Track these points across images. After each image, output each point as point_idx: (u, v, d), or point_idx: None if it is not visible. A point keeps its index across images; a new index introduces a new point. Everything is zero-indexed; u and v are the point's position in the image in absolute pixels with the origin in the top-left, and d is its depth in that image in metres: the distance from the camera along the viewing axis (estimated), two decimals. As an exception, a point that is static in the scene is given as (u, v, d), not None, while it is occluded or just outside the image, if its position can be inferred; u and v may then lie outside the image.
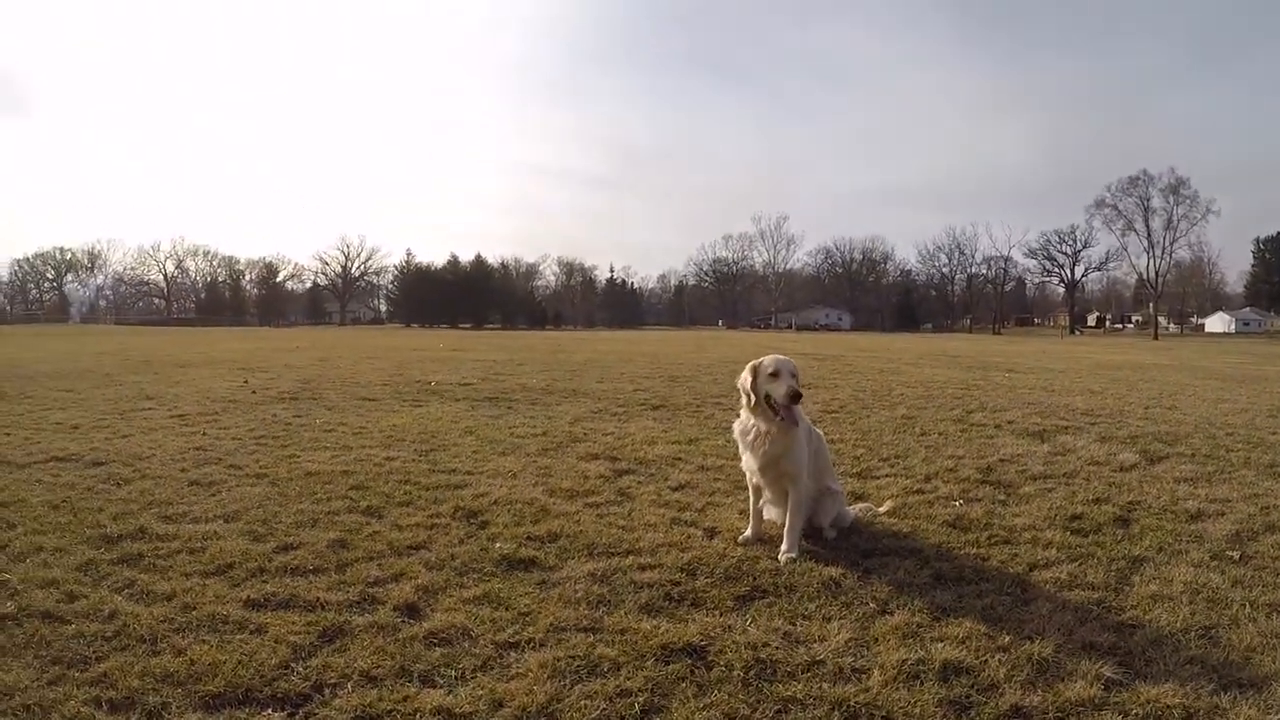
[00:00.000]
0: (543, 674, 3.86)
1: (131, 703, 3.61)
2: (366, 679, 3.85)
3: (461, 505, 6.73)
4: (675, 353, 27.62)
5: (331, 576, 5.15)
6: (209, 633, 4.31)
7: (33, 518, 6.40)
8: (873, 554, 5.51)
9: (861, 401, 13.48)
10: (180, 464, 8.35)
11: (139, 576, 5.11)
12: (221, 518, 6.41)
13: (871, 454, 8.84)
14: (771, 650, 4.08)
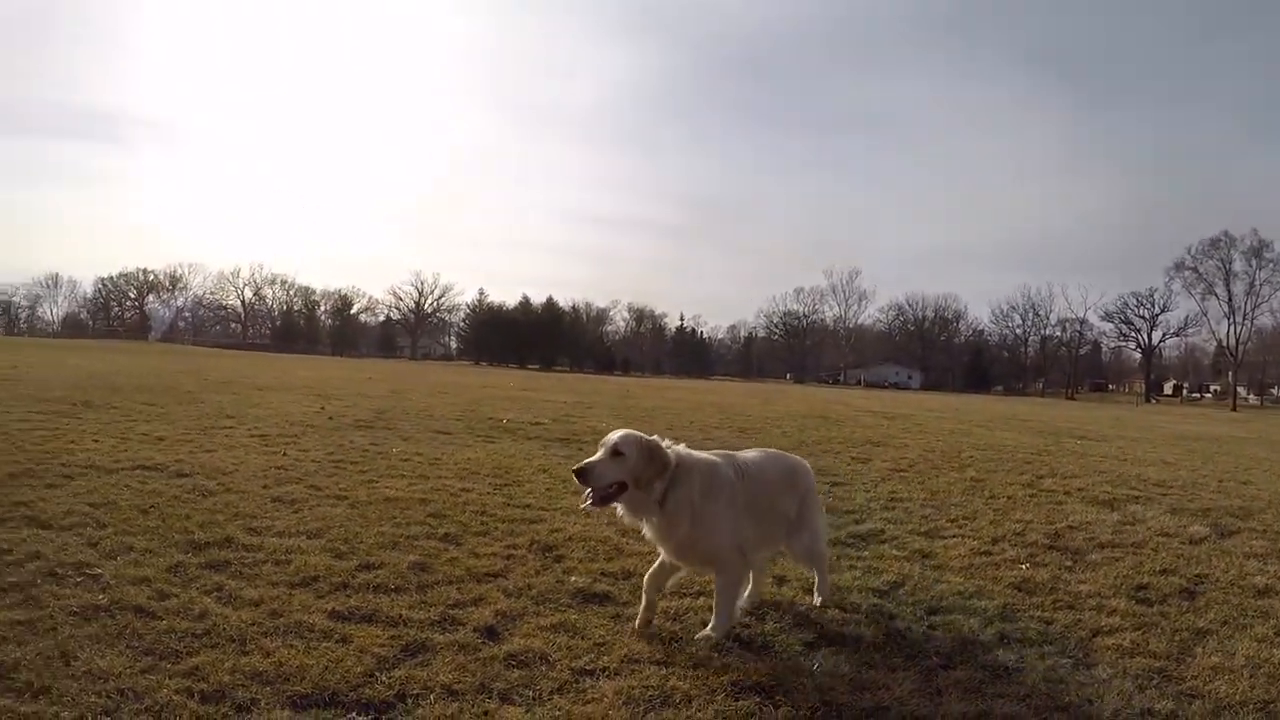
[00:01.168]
0: (617, 700, 4.05)
1: (222, 696, 3.86)
2: (448, 692, 4.06)
3: (537, 539, 6.95)
4: (743, 404, 27.66)
5: (413, 596, 5.39)
6: (296, 638, 4.57)
7: (122, 520, 6.78)
8: (937, 611, 5.60)
9: (930, 461, 13.44)
10: (262, 481, 8.71)
11: (227, 582, 5.42)
12: (304, 534, 6.71)
13: (939, 514, 8.86)
14: (838, 695, 4.22)
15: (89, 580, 5.28)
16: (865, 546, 7.35)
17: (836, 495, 9.74)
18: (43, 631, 4.45)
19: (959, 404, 44.60)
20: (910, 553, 7.16)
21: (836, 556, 6.89)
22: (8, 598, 4.91)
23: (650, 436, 4.92)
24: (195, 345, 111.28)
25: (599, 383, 54.12)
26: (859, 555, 7.02)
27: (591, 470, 4.73)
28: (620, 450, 4.75)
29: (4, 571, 5.34)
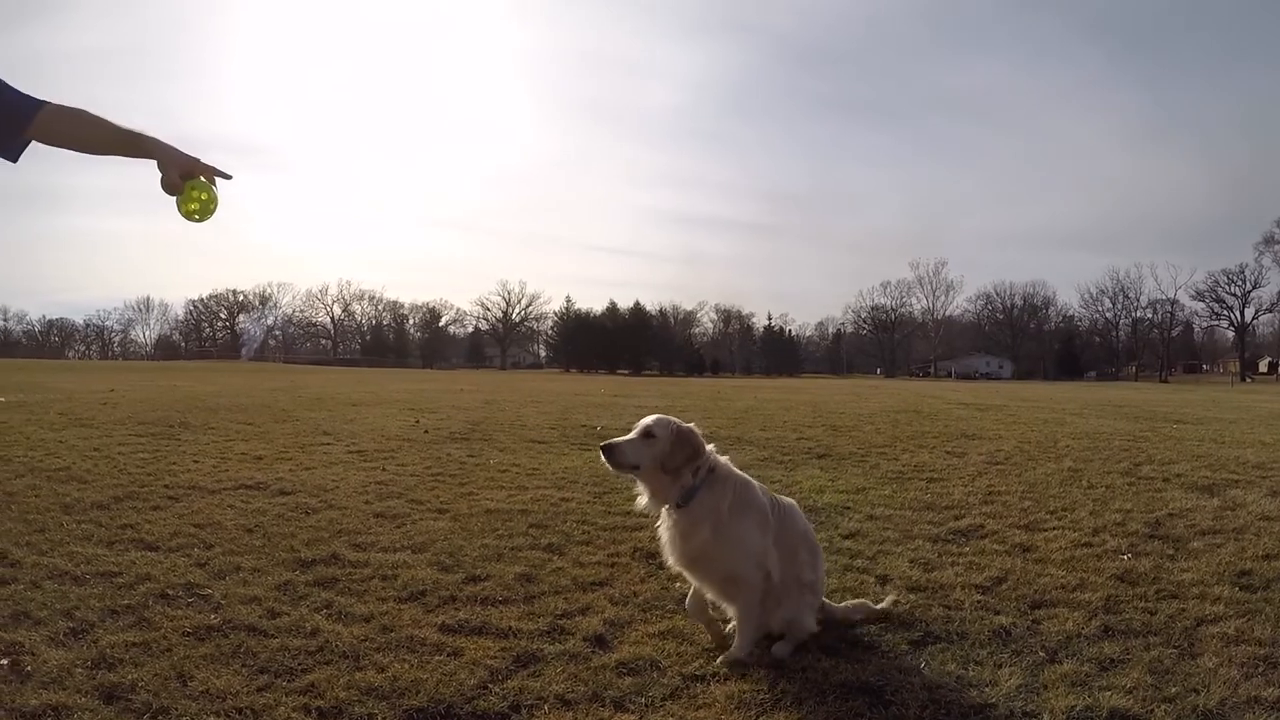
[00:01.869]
0: (729, 704, 4.05)
1: (339, 712, 3.92)
2: (562, 702, 4.09)
3: (639, 546, 6.95)
4: (835, 401, 27.39)
5: (521, 607, 5.44)
6: (408, 653, 4.63)
7: (228, 539, 6.96)
8: (1041, 605, 5.50)
9: (1026, 453, 13.15)
10: (364, 496, 8.88)
11: (336, 598, 5.51)
12: (409, 548, 6.81)
13: (1039, 506, 8.69)
14: (945, 692, 4.18)
15: (200, 600, 5.42)
16: (965, 542, 7.25)
17: (933, 491, 9.64)
18: (158, 652, 4.57)
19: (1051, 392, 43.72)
20: (1011, 547, 7.05)
21: (938, 553, 6.84)
22: (121, 619, 5.06)
23: (686, 424, 4.85)
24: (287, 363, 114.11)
25: (689, 385, 54.18)
26: (960, 551, 6.92)
27: (619, 448, 4.72)
28: (652, 433, 4.72)
29: (117, 594, 5.50)
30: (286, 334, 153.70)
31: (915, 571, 6.27)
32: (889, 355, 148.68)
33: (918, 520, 8.05)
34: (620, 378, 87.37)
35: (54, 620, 5.00)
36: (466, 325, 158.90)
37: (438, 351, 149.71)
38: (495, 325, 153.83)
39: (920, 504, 8.84)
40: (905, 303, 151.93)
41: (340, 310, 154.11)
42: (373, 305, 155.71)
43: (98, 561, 6.24)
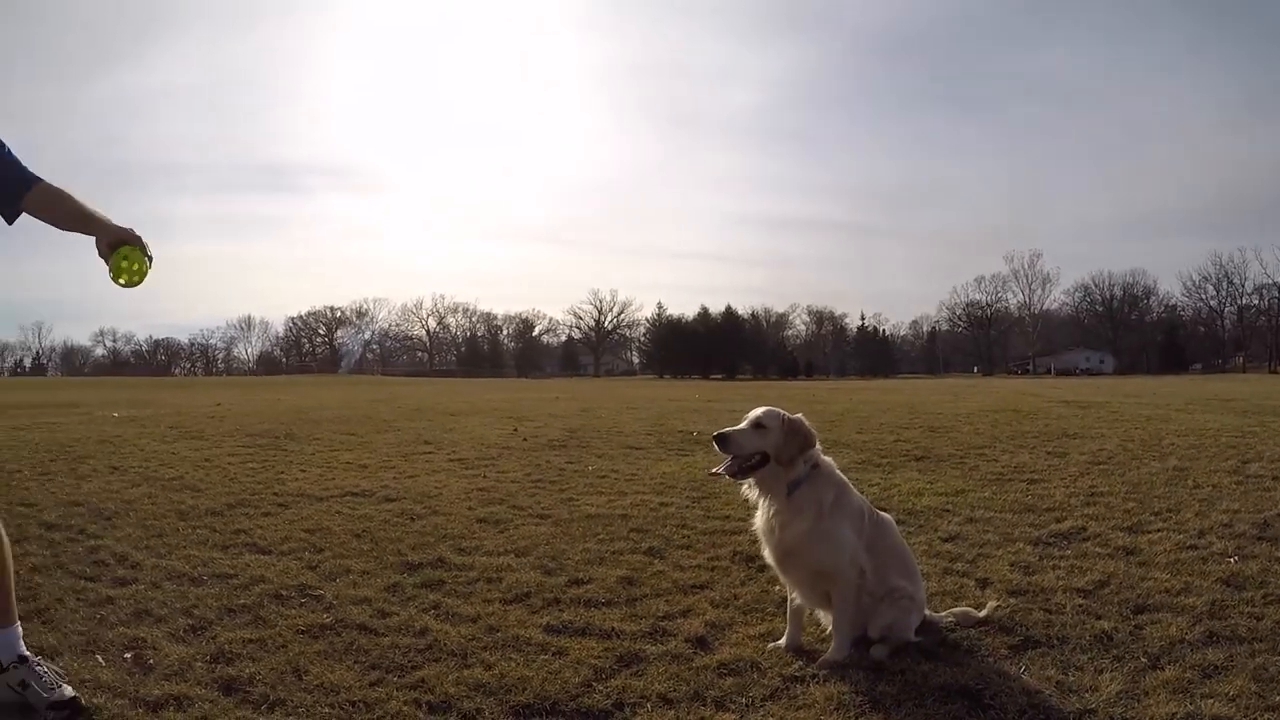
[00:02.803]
0: (828, 705, 4.09)
1: (449, 706, 4.07)
2: (664, 700, 4.17)
3: (739, 550, 7.00)
4: (932, 402, 27.02)
5: (623, 609, 5.54)
6: (514, 652, 4.77)
7: (337, 544, 7.22)
8: (1144, 610, 5.38)
9: (1130, 452, 12.81)
10: (467, 503, 9.09)
11: (443, 600, 5.69)
12: (512, 552, 6.98)
13: (1142, 508, 8.46)
14: (1044, 697, 4.14)
15: (312, 601, 5.65)
16: (1068, 545, 7.11)
17: (1034, 493, 9.46)
18: (274, 648, 4.78)
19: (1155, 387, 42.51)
20: (1114, 549, 6.89)
21: (1039, 556, 6.75)
22: (238, 617, 5.31)
23: (794, 415, 4.90)
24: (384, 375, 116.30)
25: (784, 389, 54.00)
26: (1061, 554, 6.80)
27: (732, 438, 4.78)
28: (763, 423, 4.77)
29: (233, 594, 5.76)
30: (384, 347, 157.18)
31: (1016, 575, 6.20)
32: (986, 353, 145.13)
33: (1018, 523, 7.95)
34: (714, 383, 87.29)
35: (174, 618, 5.27)
36: (559, 334, 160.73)
37: (532, 361, 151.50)
38: (588, 334, 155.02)
39: (1021, 506, 8.72)
40: (1000, 298, 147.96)
41: (435, 323, 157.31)
42: (467, 318, 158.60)
43: (213, 564, 6.54)
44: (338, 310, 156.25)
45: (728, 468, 4.84)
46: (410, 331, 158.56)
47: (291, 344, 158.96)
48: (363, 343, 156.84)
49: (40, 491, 9.59)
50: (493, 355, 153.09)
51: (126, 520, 8.09)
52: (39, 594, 5.69)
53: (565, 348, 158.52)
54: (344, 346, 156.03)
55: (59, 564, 6.54)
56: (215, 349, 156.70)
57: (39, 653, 4.43)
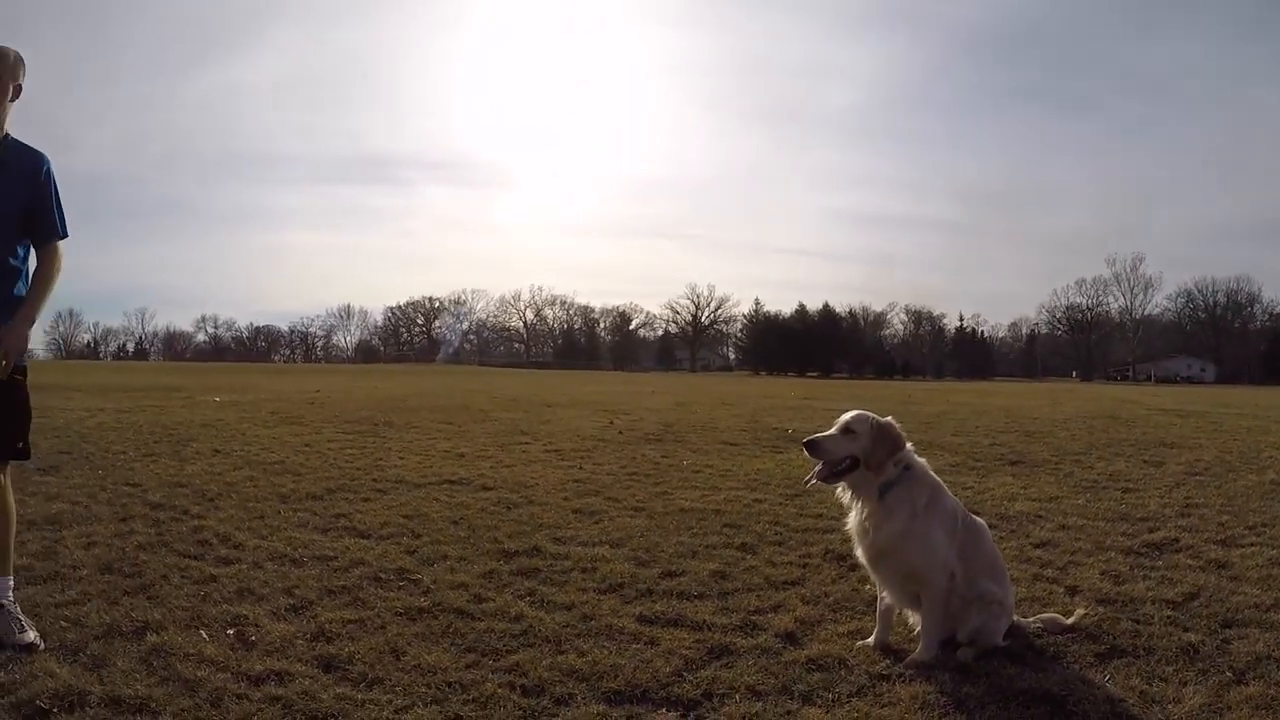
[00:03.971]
0: (913, 705, 4.13)
1: (542, 690, 4.19)
2: (752, 693, 4.24)
3: (831, 548, 7.02)
4: (1029, 407, 26.52)
5: (715, 602, 5.62)
6: (607, 640, 4.88)
7: (435, 530, 7.43)
8: (1232, 624, 5.28)
9: (1227, 464, 12.44)
10: (562, 493, 9.27)
11: (538, 588, 5.83)
12: (607, 543, 7.12)
13: (1237, 521, 8.26)
14: (1127, 706, 4.13)
15: (410, 584, 5.83)
16: (1159, 556, 7.00)
17: (1128, 502, 9.31)
18: (373, 629, 4.96)
19: (1256, 398, 41.00)
20: (1205, 562, 6.76)
21: (1130, 566, 6.66)
22: (338, 598, 5.50)
23: (884, 418, 4.91)
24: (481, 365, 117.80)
25: (880, 388, 53.43)
26: (1153, 565, 6.70)
27: (822, 444, 4.83)
28: (852, 428, 4.81)
29: (332, 576, 5.97)
30: (481, 338, 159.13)
31: (1105, 584, 6.14)
32: (1084, 357, 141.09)
33: (1110, 531, 7.83)
34: (809, 380, 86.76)
35: (275, 597, 5.48)
36: (656, 329, 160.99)
37: (628, 354, 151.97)
38: (685, 329, 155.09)
39: (1114, 514, 8.57)
40: (1101, 301, 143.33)
41: (533, 315, 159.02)
42: (564, 310, 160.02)
43: (314, 546, 6.77)
44: (436, 301, 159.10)
45: (819, 473, 4.91)
46: (507, 323, 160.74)
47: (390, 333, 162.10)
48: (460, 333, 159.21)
49: (145, 472, 9.97)
50: (589, 348, 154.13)
51: (229, 502, 8.40)
52: (144, 571, 5.96)
53: (661, 342, 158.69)
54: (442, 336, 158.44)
55: (164, 542, 6.81)
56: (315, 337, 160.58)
57: (145, 628, 4.78)
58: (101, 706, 3.84)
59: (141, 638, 4.68)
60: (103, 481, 9.20)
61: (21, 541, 6.41)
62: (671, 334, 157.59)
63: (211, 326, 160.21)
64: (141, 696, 3.94)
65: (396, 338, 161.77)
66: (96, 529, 7.10)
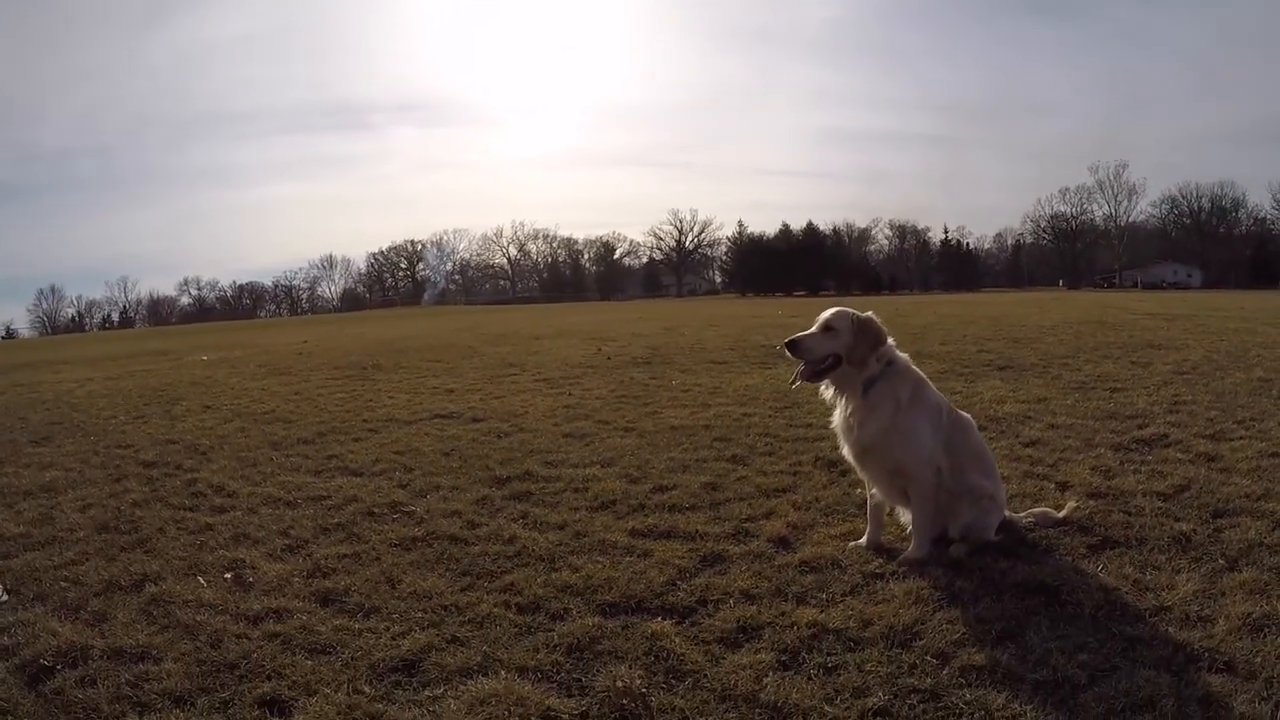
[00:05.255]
0: (907, 600, 4.20)
1: (537, 607, 4.26)
2: (746, 597, 4.32)
3: (821, 456, 7.07)
4: (1016, 314, 26.47)
5: (706, 513, 5.68)
6: (600, 555, 4.95)
7: (427, 463, 7.46)
8: (1224, 514, 5.34)
9: (1215, 363, 12.44)
10: (552, 419, 9.30)
11: (531, 510, 5.90)
12: (598, 463, 7.16)
13: (1226, 416, 8.27)
14: (1120, 595, 4.19)
15: (404, 516, 5.89)
16: (1149, 451, 7.03)
17: (1116, 400, 9.35)
18: (368, 561, 5.02)
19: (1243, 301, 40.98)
20: (1195, 455, 6.80)
21: (1120, 461, 6.71)
22: (333, 535, 5.56)
23: (864, 313, 4.92)
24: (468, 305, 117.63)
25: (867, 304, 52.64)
26: (1142, 460, 6.74)
27: (803, 343, 4.84)
28: (832, 325, 4.83)
29: (327, 514, 6.02)
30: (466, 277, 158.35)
31: (1096, 479, 6.19)
32: (1071, 266, 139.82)
33: (1100, 429, 7.88)
34: (797, 299, 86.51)
35: (271, 539, 5.54)
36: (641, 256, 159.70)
37: (614, 284, 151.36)
38: (669, 254, 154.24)
39: (1103, 413, 8.61)
40: (1086, 210, 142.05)
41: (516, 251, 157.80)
42: (548, 244, 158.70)
43: (307, 488, 6.80)
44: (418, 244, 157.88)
45: (802, 373, 4.91)
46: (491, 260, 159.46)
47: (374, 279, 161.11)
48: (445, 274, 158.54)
49: (136, 433, 9.96)
50: (575, 280, 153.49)
51: (221, 454, 8.40)
52: (140, 526, 6.02)
53: (647, 269, 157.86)
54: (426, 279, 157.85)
55: (158, 497, 6.84)
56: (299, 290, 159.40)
57: (143, 580, 4.85)
58: (104, 659, 3.89)
59: (140, 590, 4.74)
60: (95, 446, 9.19)
61: (17, 511, 6.51)
62: (656, 261, 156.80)
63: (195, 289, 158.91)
64: (143, 645, 4.00)
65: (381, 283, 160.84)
66: (91, 491, 7.11)
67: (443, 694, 3.43)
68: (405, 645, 3.87)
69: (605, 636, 3.90)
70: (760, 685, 3.42)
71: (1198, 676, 3.44)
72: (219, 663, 3.81)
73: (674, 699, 3.35)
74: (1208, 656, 3.58)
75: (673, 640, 3.82)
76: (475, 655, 3.74)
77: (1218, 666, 3.51)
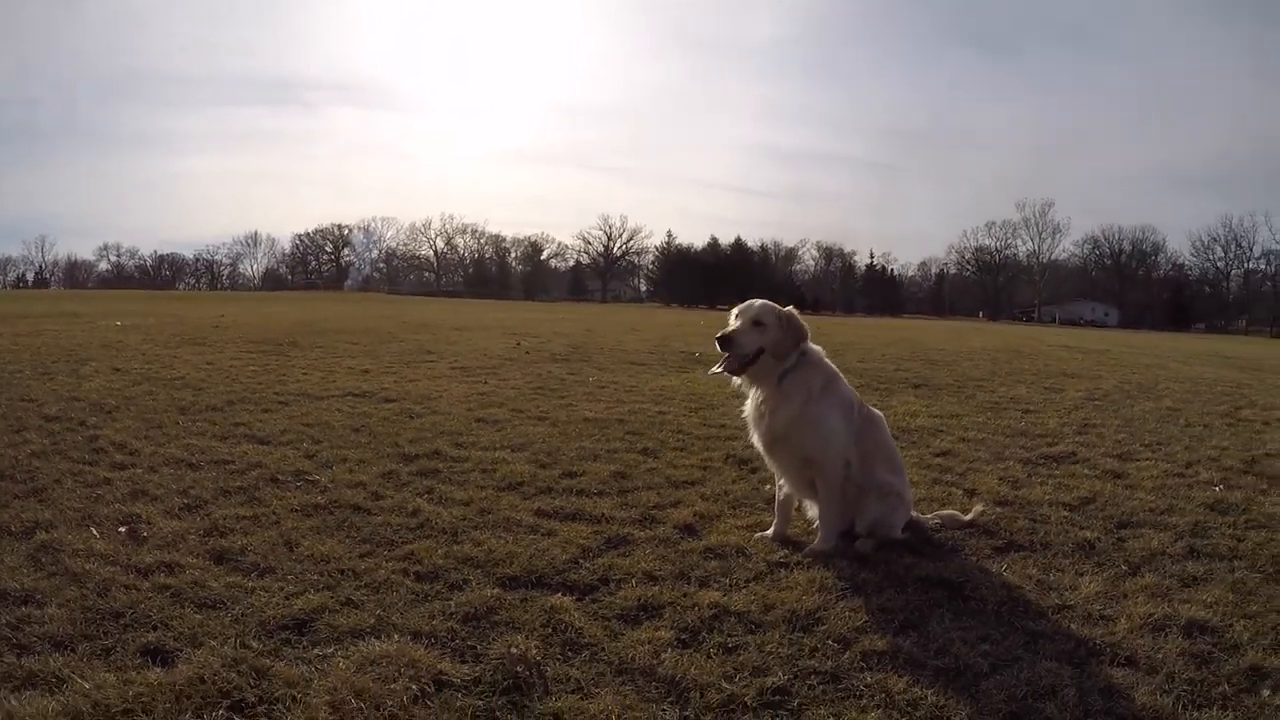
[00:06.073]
0: (811, 588, 4.24)
1: (436, 576, 4.22)
2: (648, 578, 4.33)
3: (732, 454, 7.18)
4: (934, 340, 27.11)
5: (614, 499, 5.70)
6: (504, 532, 4.92)
7: (335, 437, 7.37)
8: (1127, 525, 5.52)
9: (1126, 392, 12.87)
10: (466, 405, 9.25)
11: (437, 486, 5.85)
12: (508, 448, 7.14)
13: (1133, 439, 8.57)
14: (1024, 593, 4.31)
15: (307, 485, 5.80)
16: (1057, 466, 7.26)
17: (1028, 420, 9.63)
18: (267, 524, 4.93)
19: (1157, 341, 42.38)
20: (1102, 472, 7.03)
21: (1028, 474, 6.89)
22: (233, 498, 5.44)
23: (786, 308, 4.99)
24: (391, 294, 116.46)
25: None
26: (1050, 473, 6.95)
27: (735, 339, 4.87)
28: (760, 320, 4.87)
29: (229, 478, 5.91)
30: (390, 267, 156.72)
31: (1004, 488, 6.35)
32: (992, 298, 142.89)
33: (1010, 444, 8.08)
34: (720, 313, 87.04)
35: (170, 498, 5.41)
36: (568, 259, 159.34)
37: (539, 285, 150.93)
38: (596, 259, 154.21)
39: (1014, 431, 8.85)
40: (1010, 244, 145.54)
41: (443, 244, 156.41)
42: (475, 239, 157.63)
43: (211, 452, 6.66)
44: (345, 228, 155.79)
45: (727, 365, 4.93)
46: (417, 251, 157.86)
47: (298, 261, 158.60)
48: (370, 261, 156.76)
49: (41, 389, 9.67)
50: (500, 278, 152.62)
51: (127, 414, 8.20)
52: (37, 476, 5.84)
53: (573, 273, 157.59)
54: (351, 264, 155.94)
55: (58, 450, 6.65)
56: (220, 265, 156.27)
57: (34, 528, 4.69)
58: (-16, 600, 3.76)
59: (30, 536, 4.60)
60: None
61: (-95, 456, 6.26)
62: (583, 264, 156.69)
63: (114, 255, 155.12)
64: (27, 589, 3.88)
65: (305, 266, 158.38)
66: (-12, 441, 6.89)
67: (332, 653, 3.36)
68: (298, 605, 3.79)
69: (503, 608, 3.85)
70: (659, 660, 3.42)
71: (1100, 669, 3.52)
72: (104, 611, 3.69)
73: (570, 670, 3.33)
74: (1110, 651, 3.68)
75: (572, 614, 3.79)
76: (369, 618, 3.67)
77: (1119, 661, 3.60)
